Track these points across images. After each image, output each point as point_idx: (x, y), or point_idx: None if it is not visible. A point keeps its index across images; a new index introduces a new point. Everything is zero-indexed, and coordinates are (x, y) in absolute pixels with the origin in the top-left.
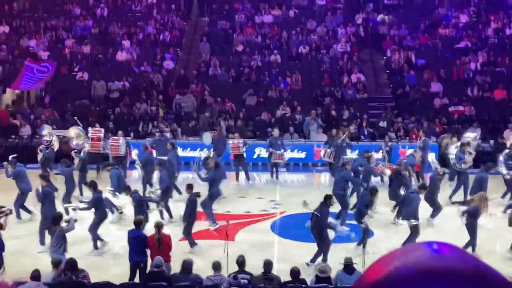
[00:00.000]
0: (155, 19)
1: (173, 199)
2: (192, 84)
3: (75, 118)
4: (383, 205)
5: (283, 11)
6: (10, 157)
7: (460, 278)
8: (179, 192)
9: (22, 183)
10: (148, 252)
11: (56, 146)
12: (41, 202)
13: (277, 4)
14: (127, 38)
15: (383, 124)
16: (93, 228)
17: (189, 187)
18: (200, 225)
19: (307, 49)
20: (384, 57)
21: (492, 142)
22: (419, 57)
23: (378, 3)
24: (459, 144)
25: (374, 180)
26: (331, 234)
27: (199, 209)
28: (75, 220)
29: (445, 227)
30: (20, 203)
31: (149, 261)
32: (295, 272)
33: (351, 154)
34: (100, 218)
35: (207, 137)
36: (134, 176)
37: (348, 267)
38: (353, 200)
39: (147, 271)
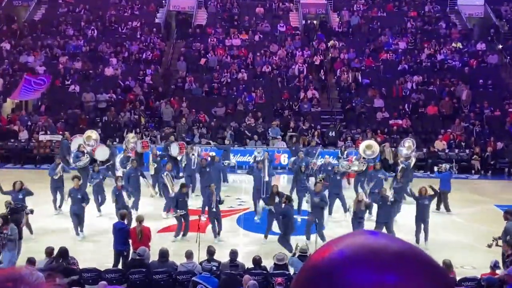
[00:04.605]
0: (139, 40)
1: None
2: (170, 97)
3: None
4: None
5: (250, 35)
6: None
7: (396, 254)
8: None
9: None
10: (130, 242)
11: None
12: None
13: (244, 30)
14: (114, 56)
15: (331, 133)
16: None
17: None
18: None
19: (270, 68)
20: (335, 77)
21: (424, 150)
22: (364, 77)
23: (330, 30)
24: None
25: None
26: None
27: None
28: None
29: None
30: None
31: (131, 250)
32: (256, 260)
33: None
34: None
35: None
36: None
37: (303, 256)
38: None
39: (129, 259)
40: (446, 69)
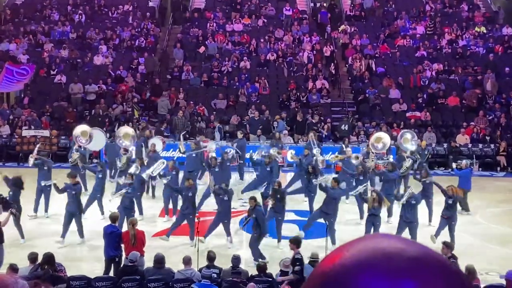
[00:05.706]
0: (131, 26)
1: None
2: (165, 88)
3: None
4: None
5: (253, 20)
6: None
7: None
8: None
9: None
10: (123, 246)
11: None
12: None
13: (246, 14)
14: (104, 43)
15: (343, 127)
16: None
17: None
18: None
19: (275, 56)
20: (347, 65)
21: (445, 145)
22: (378, 65)
23: (341, 14)
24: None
25: None
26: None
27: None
28: None
29: None
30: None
31: (124, 255)
32: (261, 267)
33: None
34: None
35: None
36: None
37: (314, 262)
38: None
39: (121, 265)
40: (469, 56)
